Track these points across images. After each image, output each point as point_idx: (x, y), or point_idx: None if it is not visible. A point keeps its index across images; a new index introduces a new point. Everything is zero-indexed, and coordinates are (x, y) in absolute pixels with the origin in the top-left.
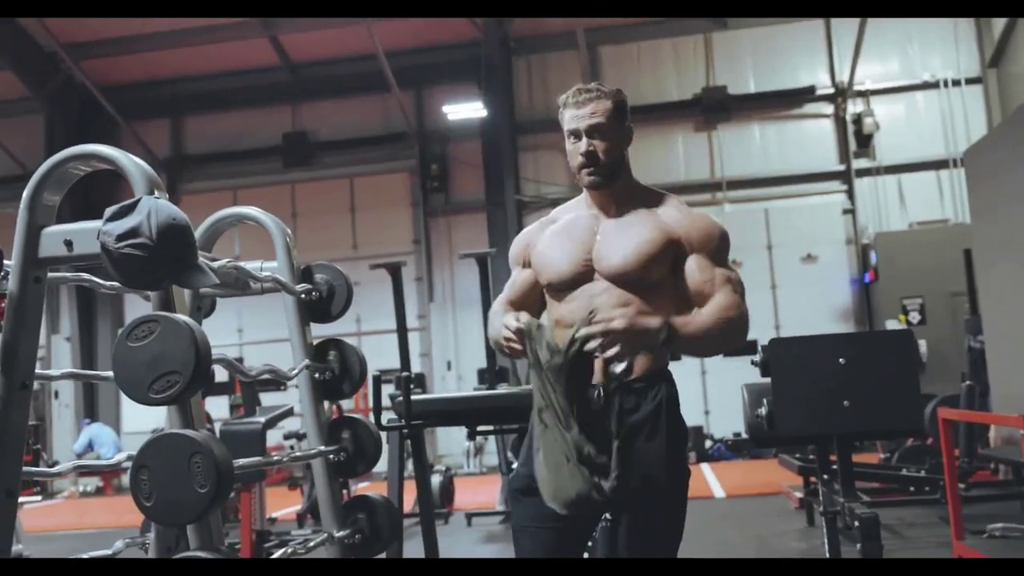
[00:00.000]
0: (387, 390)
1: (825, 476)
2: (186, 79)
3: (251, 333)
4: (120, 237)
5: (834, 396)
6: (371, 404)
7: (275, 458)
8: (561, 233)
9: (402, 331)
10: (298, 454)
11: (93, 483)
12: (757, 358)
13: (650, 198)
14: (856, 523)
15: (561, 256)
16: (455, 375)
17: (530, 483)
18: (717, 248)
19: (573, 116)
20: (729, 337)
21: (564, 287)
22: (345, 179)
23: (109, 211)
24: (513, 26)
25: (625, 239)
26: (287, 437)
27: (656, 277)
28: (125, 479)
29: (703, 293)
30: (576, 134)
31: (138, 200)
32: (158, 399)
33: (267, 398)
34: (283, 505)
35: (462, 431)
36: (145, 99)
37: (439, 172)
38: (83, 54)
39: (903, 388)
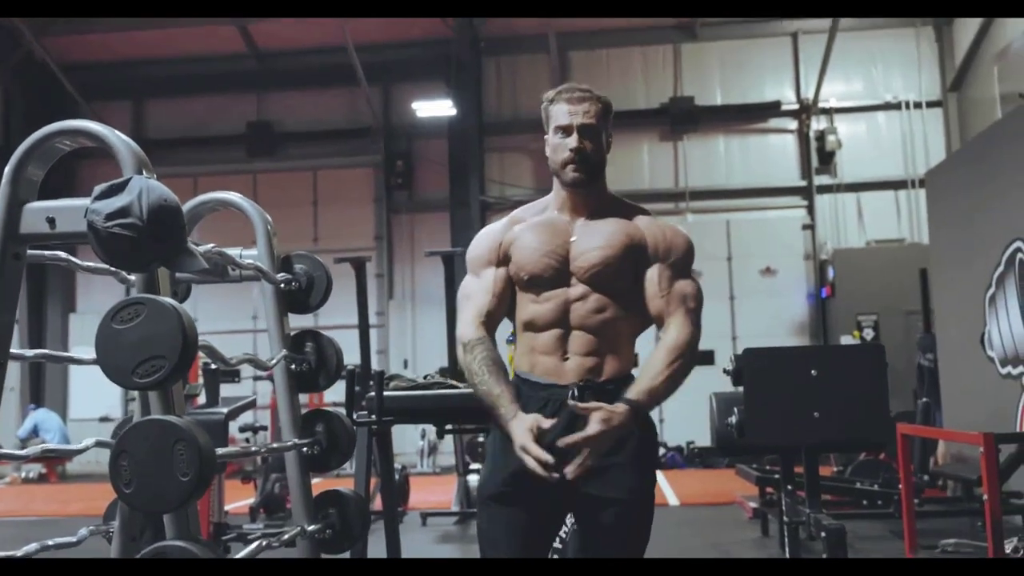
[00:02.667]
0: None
1: (789, 487)
2: (150, 62)
3: (206, 324)
4: (109, 216)
5: (805, 407)
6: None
7: (253, 449)
8: (538, 228)
9: (364, 327)
10: (274, 445)
11: (36, 469)
12: (729, 367)
13: (623, 208)
14: (823, 534)
15: (541, 248)
16: (411, 373)
17: (503, 490)
18: (680, 260)
19: (566, 111)
20: (685, 373)
21: (544, 283)
22: (309, 172)
23: (98, 189)
24: (484, 26)
25: (598, 239)
26: (243, 430)
27: (627, 279)
28: (71, 466)
29: (657, 308)
30: (567, 130)
31: (128, 179)
32: (142, 383)
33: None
34: (233, 499)
35: (416, 430)
36: (107, 80)
37: (404, 169)
38: (44, 31)
39: (873, 401)
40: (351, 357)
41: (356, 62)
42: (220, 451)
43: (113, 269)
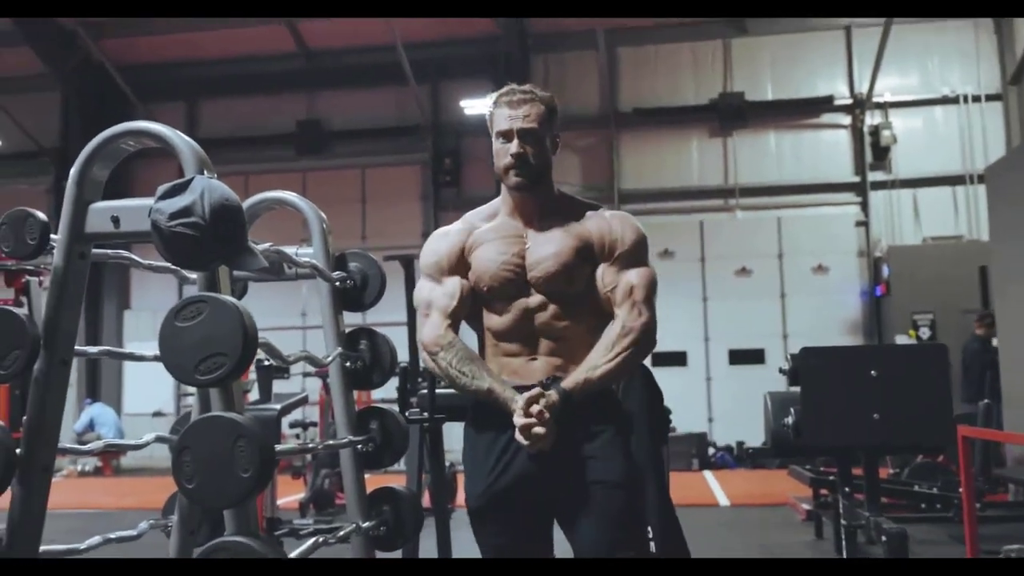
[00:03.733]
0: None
1: (846, 489)
2: (202, 63)
3: (258, 321)
4: (173, 216)
5: (865, 408)
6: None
7: (310, 445)
8: (492, 237)
9: (413, 324)
10: (330, 442)
11: (92, 463)
12: (784, 366)
13: (573, 207)
14: (883, 537)
15: (499, 258)
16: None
17: (483, 503)
18: (627, 251)
19: (506, 116)
20: (629, 363)
21: (503, 294)
22: (357, 169)
23: (161, 189)
24: (532, 23)
25: (551, 246)
26: (293, 426)
27: (581, 286)
28: (124, 460)
29: (607, 302)
30: (507, 135)
31: (190, 179)
32: (204, 380)
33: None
34: (283, 494)
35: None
36: (161, 81)
37: (452, 167)
38: (101, 33)
39: (935, 403)
40: (401, 355)
41: (404, 60)
42: (278, 448)
43: (174, 268)
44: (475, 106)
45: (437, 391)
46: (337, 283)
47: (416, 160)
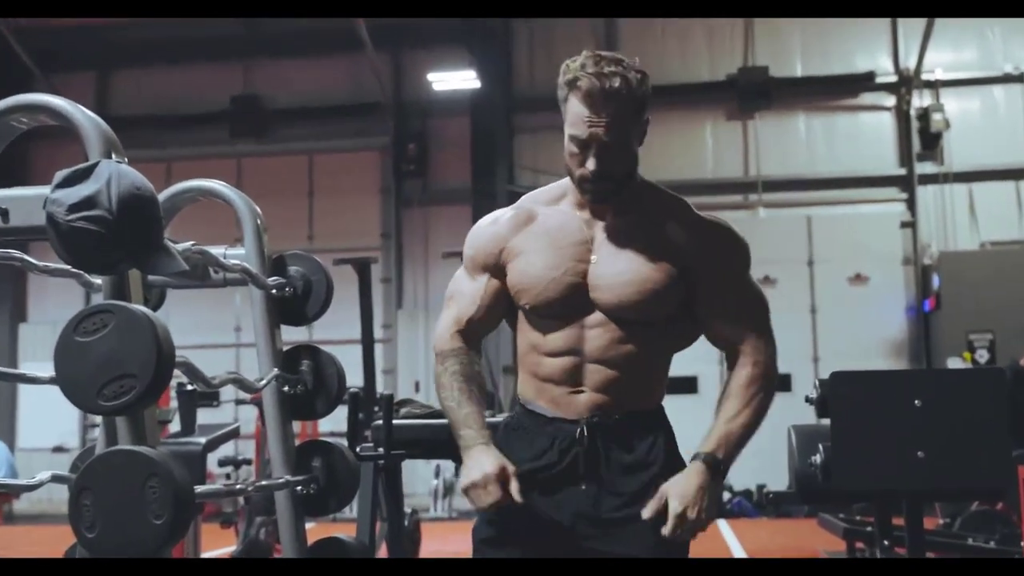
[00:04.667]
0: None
1: (885, 542)
2: (117, 26)
3: (180, 336)
4: (73, 208)
5: (906, 445)
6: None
7: (238, 487)
8: (546, 241)
9: (368, 341)
10: (263, 483)
11: None
12: (812, 394)
13: (656, 202)
14: None
15: (548, 274)
16: (424, 398)
17: (494, 534)
18: (739, 266)
19: (584, 117)
20: (767, 405)
21: (552, 313)
22: (303, 155)
23: (59, 176)
24: None
25: (627, 266)
26: (223, 464)
27: (662, 315)
28: (19, 504)
29: (720, 331)
30: (583, 145)
31: (95, 164)
32: (108, 407)
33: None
34: (211, 546)
35: (429, 467)
36: (68, 47)
37: (417, 153)
38: None
39: (992, 440)
40: (353, 378)
41: (361, 24)
42: (200, 489)
43: (75, 271)
44: (445, 80)
45: (396, 422)
46: (273, 291)
47: (374, 145)
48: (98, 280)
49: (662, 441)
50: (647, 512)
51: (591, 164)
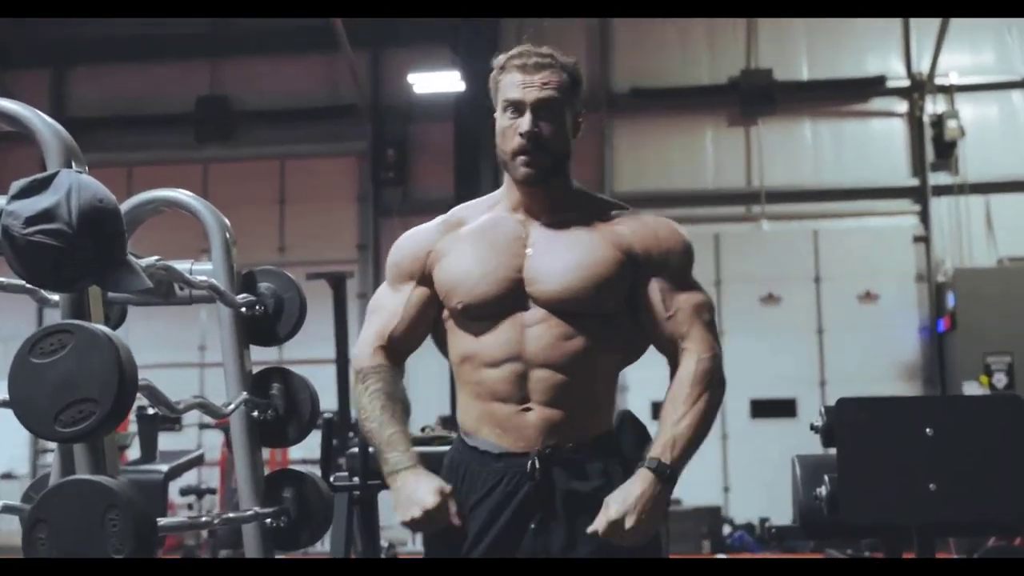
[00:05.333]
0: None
1: None
2: (76, 21)
3: (140, 355)
4: (30, 220)
5: (918, 476)
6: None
7: (203, 519)
8: (479, 240)
9: (343, 362)
10: (230, 515)
11: None
12: (817, 422)
13: (594, 204)
14: None
15: (482, 270)
16: None
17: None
18: (681, 265)
19: (517, 82)
20: (717, 406)
21: (486, 314)
22: (274, 160)
23: (16, 186)
24: None
25: (567, 255)
26: (184, 493)
27: (610, 306)
28: None
29: (665, 332)
30: (518, 106)
31: (54, 174)
32: (66, 433)
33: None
34: None
35: None
36: (20, 42)
37: (397, 159)
38: None
39: (1009, 470)
40: (326, 402)
41: (337, 20)
42: (162, 522)
43: (31, 287)
44: (427, 82)
45: (371, 450)
46: (243, 308)
47: (351, 150)
48: (55, 296)
49: (619, 471)
50: (592, 527)
51: (525, 123)
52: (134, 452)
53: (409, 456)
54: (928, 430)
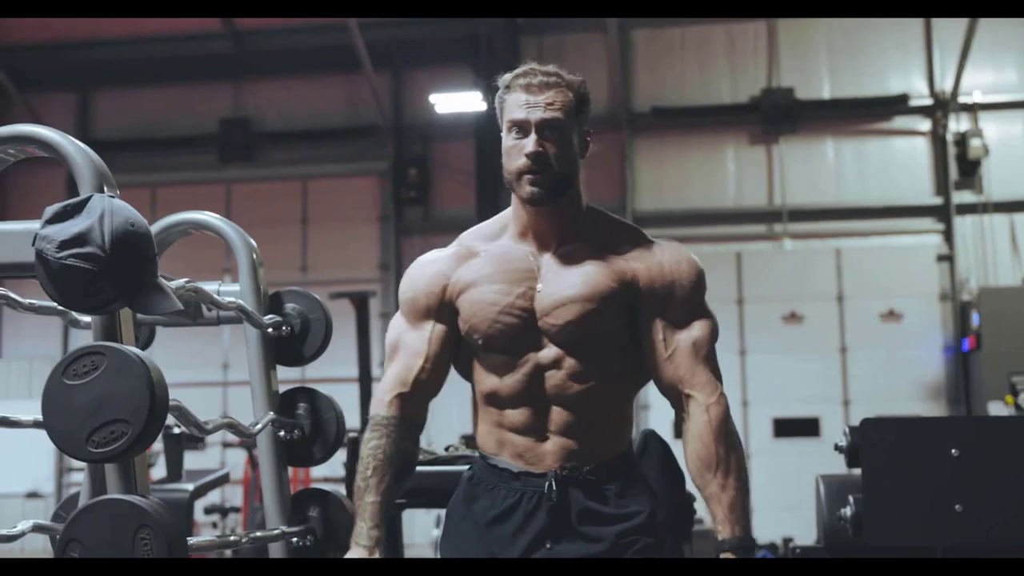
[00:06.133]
0: None
1: None
2: (100, 42)
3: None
4: (64, 244)
5: (943, 498)
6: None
7: (232, 539)
8: (493, 268)
9: (366, 381)
10: (257, 534)
11: None
12: (841, 442)
13: (608, 230)
14: None
15: (501, 299)
16: (426, 442)
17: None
18: (688, 300)
19: (522, 102)
20: (743, 461)
21: (504, 348)
22: (297, 181)
23: (49, 211)
24: None
25: (570, 291)
26: (209, 511)
27: (615, 340)
28: None
29: (667, 375)
30: (523, 127)
31: (87, 199)
32: (99, 454)
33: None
34: None
35: (430, 516)
36: (47, 65)
37: (418, 179)
38: None
39: None
40: (349, 421)
41: (359, 41)
42: (192, 541)
43: (63, 308)
44: (448, 102)
45: None
46: (270, 329)
47: (372, 170)
48: (85, 318)
49: (645, 498)
50: None
51: (530, 144)
52: (159, 471)
53: (372, 536)
54: (954, 451)
